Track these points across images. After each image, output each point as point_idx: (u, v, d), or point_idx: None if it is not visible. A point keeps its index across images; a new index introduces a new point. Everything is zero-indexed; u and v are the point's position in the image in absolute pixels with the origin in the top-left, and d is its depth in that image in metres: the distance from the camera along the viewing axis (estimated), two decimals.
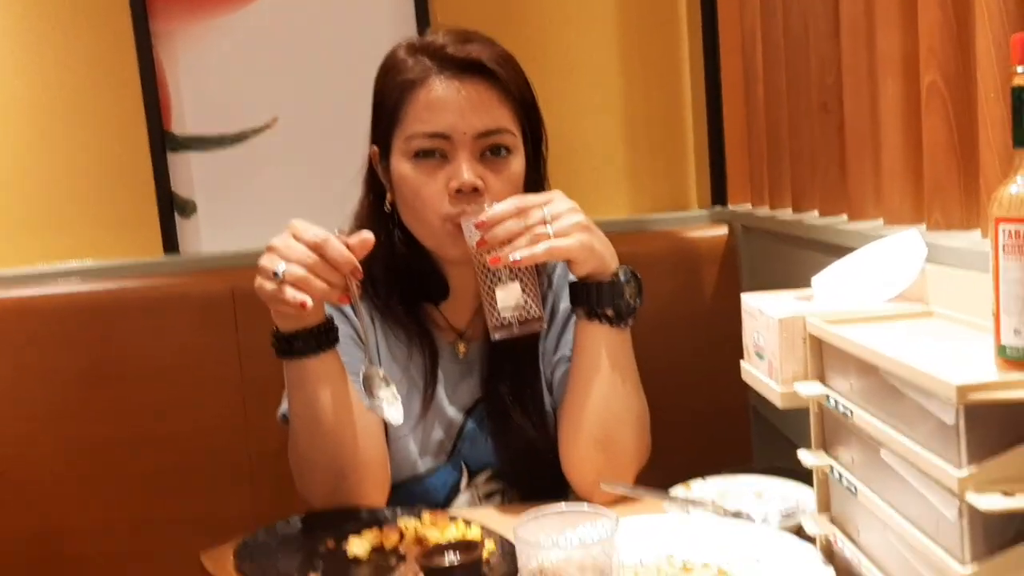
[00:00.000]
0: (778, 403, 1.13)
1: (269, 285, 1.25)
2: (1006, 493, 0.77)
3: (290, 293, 1.23)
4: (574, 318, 1.44)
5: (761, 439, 2.03)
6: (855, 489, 0.99)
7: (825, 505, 1.10)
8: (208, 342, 1.97)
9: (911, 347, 0.92)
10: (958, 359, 0.87)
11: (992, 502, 0.76)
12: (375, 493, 1.41)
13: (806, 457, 1.08)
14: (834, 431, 1.06)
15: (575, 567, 0.89)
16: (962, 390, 0.77)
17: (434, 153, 1.40)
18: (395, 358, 1.52)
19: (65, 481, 1.93)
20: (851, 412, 0.97)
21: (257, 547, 1.29)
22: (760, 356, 1.18)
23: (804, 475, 1.38)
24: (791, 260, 1.87)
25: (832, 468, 1.05)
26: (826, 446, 1.08)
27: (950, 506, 0.80)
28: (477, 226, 1.32)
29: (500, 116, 1.41)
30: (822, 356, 1.08)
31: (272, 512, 1.38)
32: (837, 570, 1.06)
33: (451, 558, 1.16)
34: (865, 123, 1.46)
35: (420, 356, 1.52)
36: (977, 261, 1.10)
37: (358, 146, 1.55)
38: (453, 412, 1.53)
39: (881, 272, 1.12)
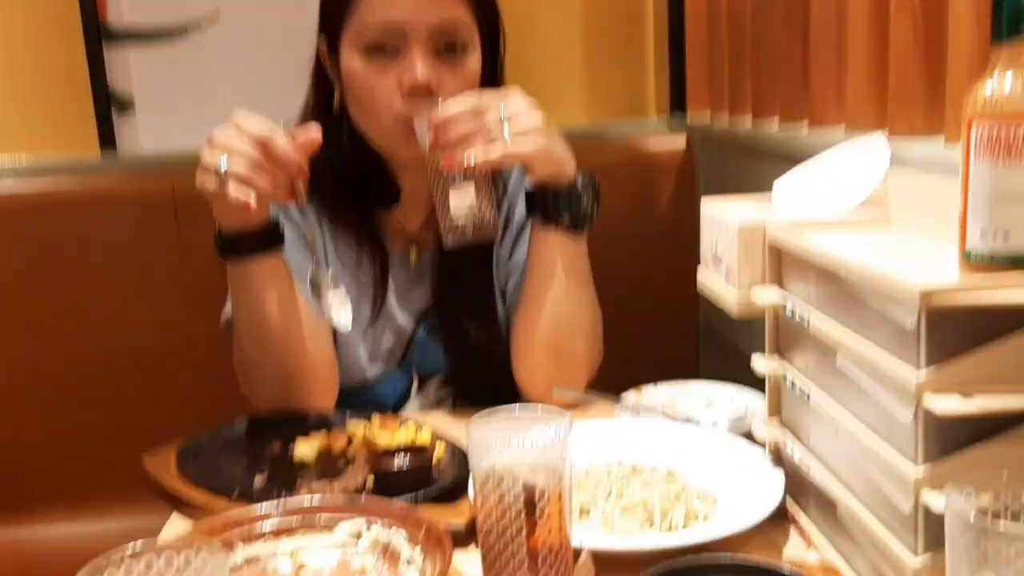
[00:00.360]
0: (733, 311, 1.11)
1: (211, 183, 1.19)
2: (963, 395, 0.76)
3: (233, 192, 1.18)
4: (529, 226, 1.41)
5: (711, 351, 2.04)
6: (807, 395, 0.98)
7: (776, 410, 1.11)
8: (148, 244, 1.90)
9: (872, 253, 0.91)
10: (919, 265, 0.86)
11: (949, 405, 0.75)
12: (323, 398, 1.39)
13: (760, 363, 1.08)
14: (789, 339, 1.05)
15: (527, 468, 0.87)
16: (925, 294, 0.76)
17: (386, 48, 1.34)
18: (344, 263, 1.48)
19: None
20: (808, 318, 0.96)
21: (200, 449, 1.26)
22: (718, 263, 1.16)
23: (754, 384, 1.39)
24: (750, 171, 1.85)
25: (785, 375, 1.04)
26: (780, 353, 1.08)
27: (905, 410, 0.79)
28: (431, 126, 1.27)
29: (456, 9, 1.35)
30: (781, 264, 1.06)
31: (216, 418, 1.35)
32: (786, 474, 1.07)
33: (400, 462, 1.15)
34: (831, 28, 1.42)
35: (370, 262, 1.48)
36: (940, 168, 1.09)
37: (305, 42, 1.47)
38: (404, 319, 1.50)
39: (843, 178, 1.10)
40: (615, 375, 1.44)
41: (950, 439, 0.78)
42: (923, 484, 0.78)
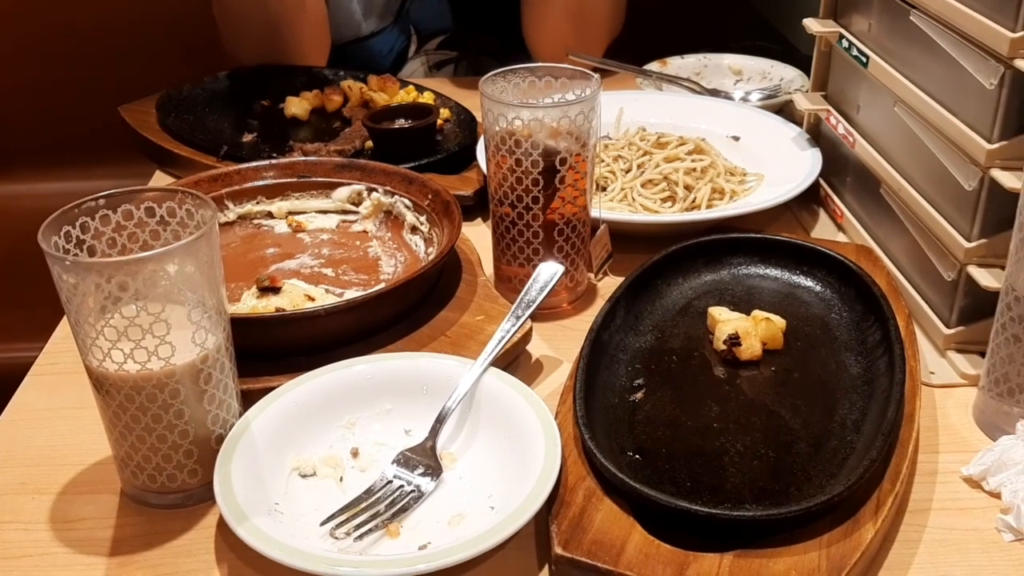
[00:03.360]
0: None
1: None
2: None
3: None
4: None
5: (743, 22, 1.87)
6: (866, 60, 0.87)
7: (821, 83, 1.00)
8: None
9: None
10: None
11: None
12: (313, 53, 1.26)
13: (813, 24, 0.95)
14: (847, 2, 0.92)
15: (547, 131, 0.78)
16: None
17: None
18: None
19: None
20: None
21: (182, 101, 1.15)
22: None
23: (786, 56, 1.26)
24: None
25: (841, 36, 0.92)
26: (836, 15, 0.95)
27: (991, 73, 0.69)
28: None
29: None
30: None
31: (197, 74, 1.23)
32: (823, 151, 0.98)
33: (402, 121, 1.05)
34: None
35: None
36: None
37: None
38: None
39: None
40: (638, 43, 1.30)
41: None
42: (995, 158, 0.69)
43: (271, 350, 0.71)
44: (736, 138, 1.06)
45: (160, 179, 1.09)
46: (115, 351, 0.57)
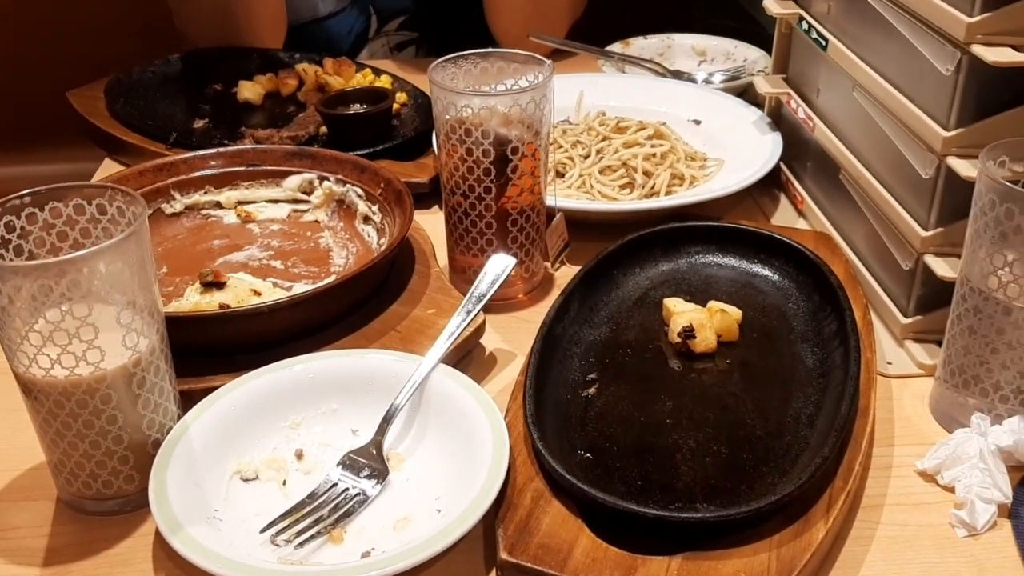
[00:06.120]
0: None
1: None
2: (1016, 48, 0.65)
3: None
4: None
5: (705, 2, 1.85)
6: (824, 43, 0.85)
7: (782, 65, 0.98)
8: None
9: None
10: None
11: (1001, 54, 0.64)
12: (268, 34, 1.23)
13: (772, 5, 0.93)
14: None
15: (500, 119, 0.76)
16: None
17: None
18: None
19: None
20: None
21: (132, 85, 1.12)
22: None
23: (750, 36, 1.25)
24: None
25: (800, 18, 0.90)
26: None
27: (947, 59, 0.67)
28: None
29: None
30: None
31: (151, 54, 1.19)
32: (784, 135, 0.97)
33: (357, 106, 1.02)
34: None
35: None
36: None
37: None
38: None
39: None
40: (602, 23, 1.28)
41: (988, 101, 0.67)
42: (951, 145, 0.68)
43: (214, 348, 0.69)
44: (697, 122, 1.04)
45: (110, 167, 1.06)
46: (41, 356, 0.54)
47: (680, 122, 1.03)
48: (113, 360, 0.56)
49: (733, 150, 0.98)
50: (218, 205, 0.90)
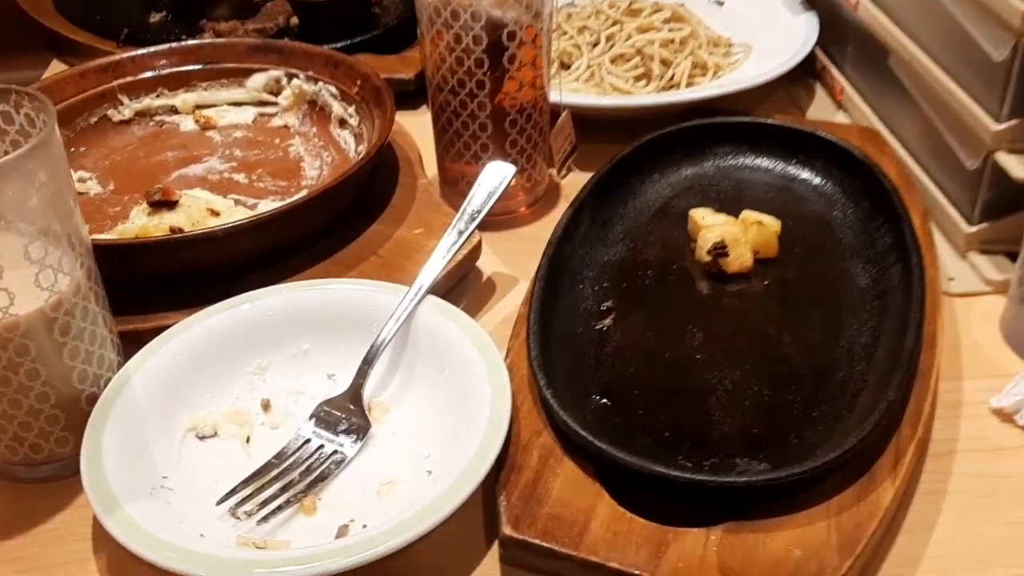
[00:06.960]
0: None
1: None
2: None
3: None
4: None
5: None
6: None
7: None
8: None
9: None
10: None
11: None
12: None
13: None
14: None
15: (492, 0, 0.64)
16: None
17: None
18: None
19: None
20: None
21: None
22: None
23: None
24: None
25: None
26: None
27: None
28: None
29: None
30: None
31: None
32: (820, 14, 0.85)
33: None
34: None
35: None
36: None
37: None
38: None
39: None
40: None
41: None
42: None
43: (163, 282, 0.59)
44: (720, 2, 0.92)
45: (56, 69, 0.94)
46: None
47: (700, 2, 0.91)
48: (26, 304, 0.46)
49: (762, 33, 0.87)
50: (173, 110, 0.79)
